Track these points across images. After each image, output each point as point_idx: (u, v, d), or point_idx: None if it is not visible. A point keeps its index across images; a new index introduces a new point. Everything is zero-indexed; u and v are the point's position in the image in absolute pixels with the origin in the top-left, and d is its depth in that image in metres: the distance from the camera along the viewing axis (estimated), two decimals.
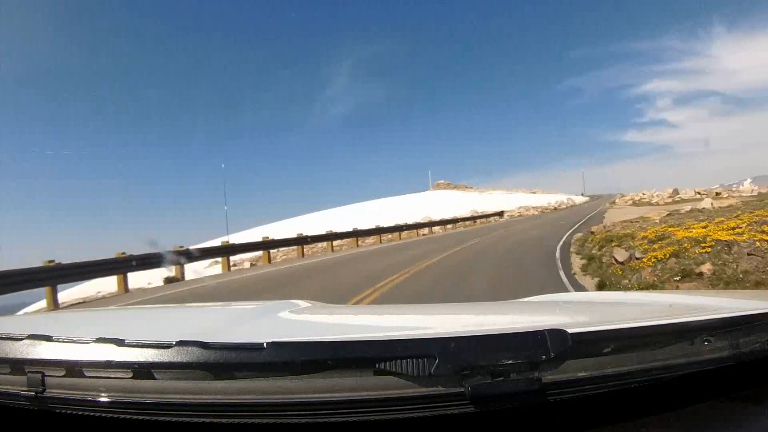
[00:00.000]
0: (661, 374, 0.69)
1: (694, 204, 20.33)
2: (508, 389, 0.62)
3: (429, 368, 0.61)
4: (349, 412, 0.63)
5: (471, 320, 1.20)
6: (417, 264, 10.20)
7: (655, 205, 29.13)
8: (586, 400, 0.67)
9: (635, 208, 23.09)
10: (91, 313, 2.26)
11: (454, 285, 7.56)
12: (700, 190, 34.58)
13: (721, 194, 28.59)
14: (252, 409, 0.63)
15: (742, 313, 0.81)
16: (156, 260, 10.74)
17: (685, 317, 0.80)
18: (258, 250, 15.57)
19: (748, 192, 30.56)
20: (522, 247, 12.75)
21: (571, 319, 1.09)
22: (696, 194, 32.89)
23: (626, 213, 20.59)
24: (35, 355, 0.68)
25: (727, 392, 0.74)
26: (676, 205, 24.94)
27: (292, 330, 1.07)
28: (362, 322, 1.21)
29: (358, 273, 9.77)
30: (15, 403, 0.69)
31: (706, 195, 31.19)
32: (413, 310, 1.67)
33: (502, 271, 8.66)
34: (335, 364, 0.63)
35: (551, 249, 11.46)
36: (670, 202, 31.02)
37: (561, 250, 11.04)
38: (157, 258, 10.75)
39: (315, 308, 1.36)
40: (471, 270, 9.14)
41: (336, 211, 50.26)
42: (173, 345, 0.64)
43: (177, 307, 2.07)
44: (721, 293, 1.68)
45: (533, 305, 1.48)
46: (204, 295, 8.58)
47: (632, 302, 1.38)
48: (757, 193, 27.56)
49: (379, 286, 7.49)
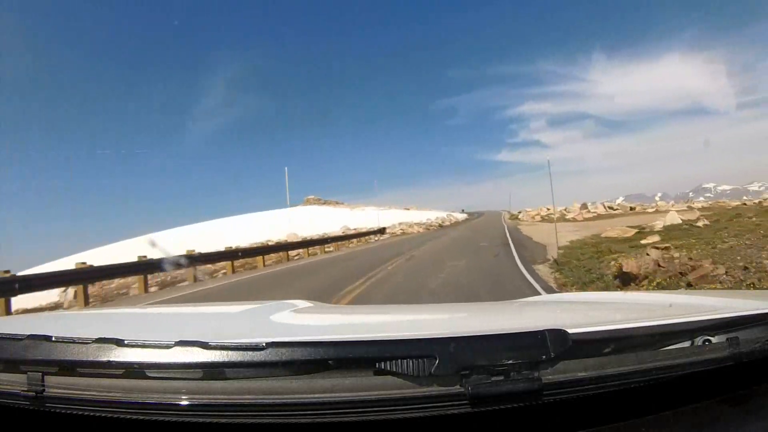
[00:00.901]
0: (661, 374, 0.69)
1: (642, 218, 19.31)
2: (508, 389, 0.62)
3: (429, 368, 0.61)
4: (349, 412, 0.63)
5: (471, 320, 1.20)
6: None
7: (573, 221, 26.80)
8: (586, 400, 0.67)
9: (560, 225, 17.29)
10: (91, 313, 2.26)
11: None
12: (612, 205, 33.26)
13: (674, 206, 27.23)
14: (252, 409, 0.63)
15: (742, 313, 0.81)
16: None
17: (685, 317, 0.80)
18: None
19: (699, 205, 29.59)
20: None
21: (571, 319, 1.09)
22: (609, 209, 31.98)
23: (563, 231, 15.76)
24: (35, 355, 0.68)
25: (727, 392, 0.74)
26: (604, 220, 23.05)
27: (292, 330, 1.07)
28: (362, 322, 1.21)
29: None
30: (15, 403, 0.69)
31: (621, 209, 31.17)
32: (413, 310, 1.67)
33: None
34: (335, 364, 0.63)
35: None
36: (592, 217, 28.59)
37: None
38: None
39: (315, 308, 1.36)
40: None
41: (193, 228, 41.15)
42: (173, 345, 0.64)
43: (177, 307, 2.07)
44: (721, 293, 1.68)
45: (533, 305, 1.48)
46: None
47: (632, 302, 1.38)
48: (710, 205, 27.32)
49: None
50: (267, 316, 1.15)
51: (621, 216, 26.57)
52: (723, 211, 21.00)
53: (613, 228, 15.33)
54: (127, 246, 24.36)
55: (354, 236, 27.30)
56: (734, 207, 24.91)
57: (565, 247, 12.02)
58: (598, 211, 32.54)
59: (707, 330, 0.76)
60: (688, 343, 0.77)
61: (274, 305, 1.29)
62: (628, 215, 27.65)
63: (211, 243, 18.30)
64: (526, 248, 13.80)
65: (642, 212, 27.99)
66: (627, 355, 0.70)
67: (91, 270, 9.79)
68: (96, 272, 9.93)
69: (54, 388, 0.67)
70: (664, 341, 0.75)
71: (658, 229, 13.71)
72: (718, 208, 24.65)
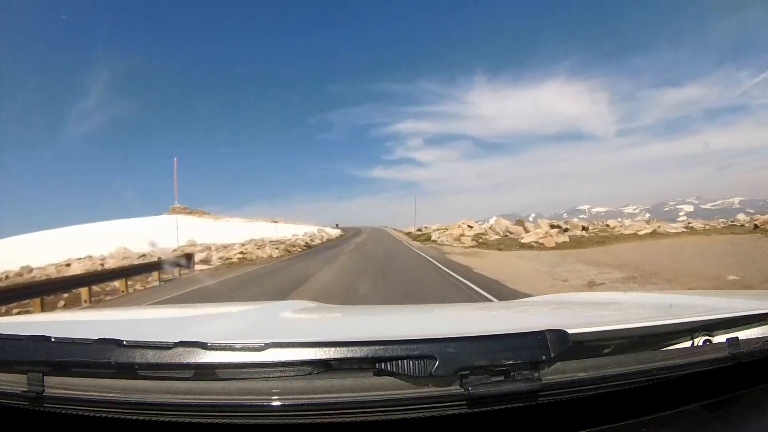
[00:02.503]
0: (661, 374, 0.69)
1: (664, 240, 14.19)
2: (509, 390, 0.62)
3: (429, 369, 0.61)
4: (349, 412, 0.63)
5: (471, 321, 1.20)
6: None
7: (541, 248, 16.21)
8: (586, 401, 0.67)
9: (529, 258, 12.75)
10: (91, 313, 2.26)
11: None
12: (554, 223, 21.12)
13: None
14: (252, 410, 0.63)
15: (741, 313, 0.81)
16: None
17: (685, 317, 0.80)
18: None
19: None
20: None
21: (571, 319, 1.09)
22: (584, 229, 20.21)
23: (563, 274, 9.10)
24: (35, 355, 0.68)
25: (727, 392, 0.74)
26: (598, 248, 13.95)
27: (292, 330, 1.07)
28: (362, 323, 1.21)
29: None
30: (15, 403, 0.69)
31: (573, 227, 20.06)
32: (413, 310, 1.67)
33: None
34: (335, 364, 0.63)
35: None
36: (568, 242, 17.12)
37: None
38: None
39: (315, 309, 1.36)
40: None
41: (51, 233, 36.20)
42: (173, 346, 0.64)
43: (177, 307, 2.07)
44: (721, 293, 1.68)
45: (533, 305, 1.48)
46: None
47: (632, 302, 1.38)
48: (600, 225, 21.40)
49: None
50: (267, 317, 1.15)
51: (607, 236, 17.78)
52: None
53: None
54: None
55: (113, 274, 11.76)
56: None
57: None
58: (574, 230, 20.27)
59: (707, 330, 0.76)
60: (688, 343, 0.77)
61: (275, 305, 1.29)
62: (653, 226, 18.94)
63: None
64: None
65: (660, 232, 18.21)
66: (627, 355, 0.70)
67: None
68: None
69: (54, 388, 0.67)
70: (664, 341, 0.75)
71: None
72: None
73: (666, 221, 22.31)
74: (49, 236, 35.17)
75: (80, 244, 25.66)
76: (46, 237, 34.69)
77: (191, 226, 37.53)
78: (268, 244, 24.29)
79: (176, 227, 21.65)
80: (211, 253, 20.75)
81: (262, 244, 24.30)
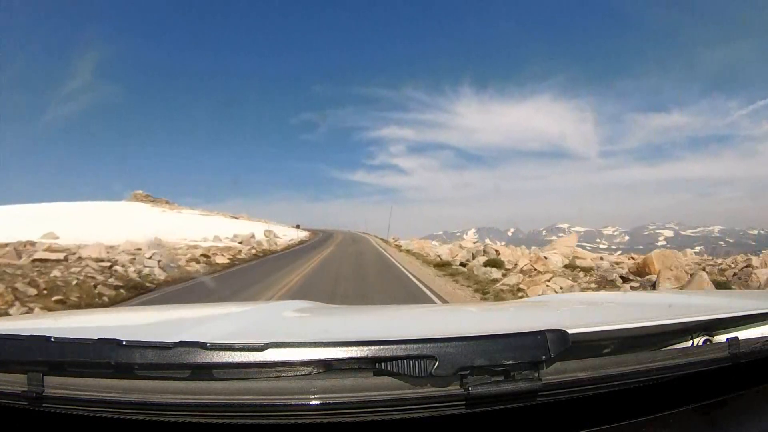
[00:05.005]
0: (661, 374, 0.69)
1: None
2: (508, 390, 0.62)
3: (429, 369, 0.61)
4: (349, 412, 0.63)
5: (471, 321, 1.20)
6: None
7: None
8: (586, 401, 0.67)
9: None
10: (91, 313, 2.26)
11: None
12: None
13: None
14: (252, 410, 0.63)
15: (741, 313, 0.82)
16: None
17: (685, 317, 0.80)
18: None
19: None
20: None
21: (571, 319, 1.09)
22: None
23: None
24: (35, 355, 0.67)
25: (727, 392, 0.74)
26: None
27: (292, 330, 1.07)
28: (362, 323, 1.21)
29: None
30: (15, 403, 0.69)
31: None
32: (413, 310, 1.67)
33: None
34: (335, 364, 0.63)
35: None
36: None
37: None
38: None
39: (315, 309, 1.36)
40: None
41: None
42: (172, 346, 0.63)
43: (177, 307, 2.08)
44: (721, 293, 1.68)
45: (533, 305, 1.48)
46: None
47: (632, 302, 1.38)
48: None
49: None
50: (267, 317, 1.15)
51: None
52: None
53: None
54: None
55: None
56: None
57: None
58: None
59: (707, 330, 0.76)
60: (688, 343, 0.77)
61: (275, 305, 1.29)
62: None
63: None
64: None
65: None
66: (627, 355, 0.70)
67: None
68: None
69: (54, 388, 0.67)
70: (664, 341, 0.75)
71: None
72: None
73: (646, 244, 21.27)
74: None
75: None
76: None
77: (133, 216, 30.14)
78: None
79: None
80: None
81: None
